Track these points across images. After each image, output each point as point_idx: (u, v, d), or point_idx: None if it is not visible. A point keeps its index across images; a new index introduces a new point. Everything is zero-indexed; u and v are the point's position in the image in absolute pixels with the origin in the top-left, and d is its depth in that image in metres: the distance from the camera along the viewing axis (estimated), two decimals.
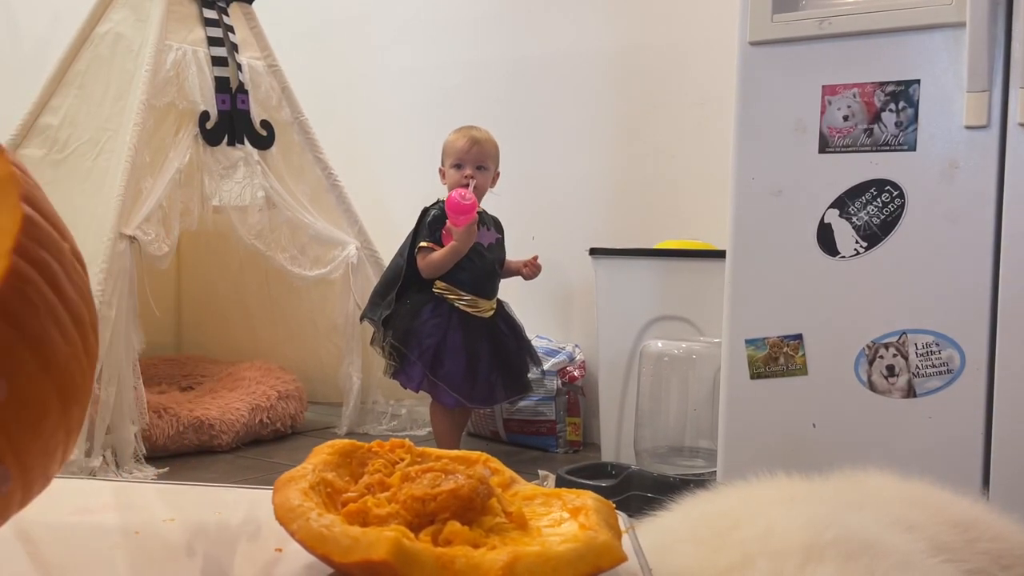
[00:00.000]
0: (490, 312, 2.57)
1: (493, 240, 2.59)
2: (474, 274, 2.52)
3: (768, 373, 1.73)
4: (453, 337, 2.49)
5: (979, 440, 1.55)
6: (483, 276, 2.54)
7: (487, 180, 2.56)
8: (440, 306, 2.51)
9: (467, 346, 2.49)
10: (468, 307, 2.52)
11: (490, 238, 2.58)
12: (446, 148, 2.58)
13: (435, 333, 2.48)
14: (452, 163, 2.54)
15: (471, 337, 2.50)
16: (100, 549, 0.59)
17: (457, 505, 0.53)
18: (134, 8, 2.69)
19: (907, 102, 1.60)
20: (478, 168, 2.53)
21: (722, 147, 1.86)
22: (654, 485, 2.02)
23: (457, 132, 2.58)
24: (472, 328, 2.51)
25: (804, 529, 0.71)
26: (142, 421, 2.49)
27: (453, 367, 2.48)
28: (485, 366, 2.51)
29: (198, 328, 3.54)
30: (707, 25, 2.79)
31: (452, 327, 2.49)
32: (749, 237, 1.75)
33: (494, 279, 2.59)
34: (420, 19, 3.40)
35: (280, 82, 2.92)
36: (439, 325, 2.49)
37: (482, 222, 2.55)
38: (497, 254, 2.59)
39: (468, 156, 2.52)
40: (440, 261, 2.48)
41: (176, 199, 2.62)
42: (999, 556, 0.84)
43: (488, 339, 2.54)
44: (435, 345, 2.47)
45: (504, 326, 2.59)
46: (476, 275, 2.52)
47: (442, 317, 2.50)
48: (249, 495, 0.73)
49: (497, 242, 2.61)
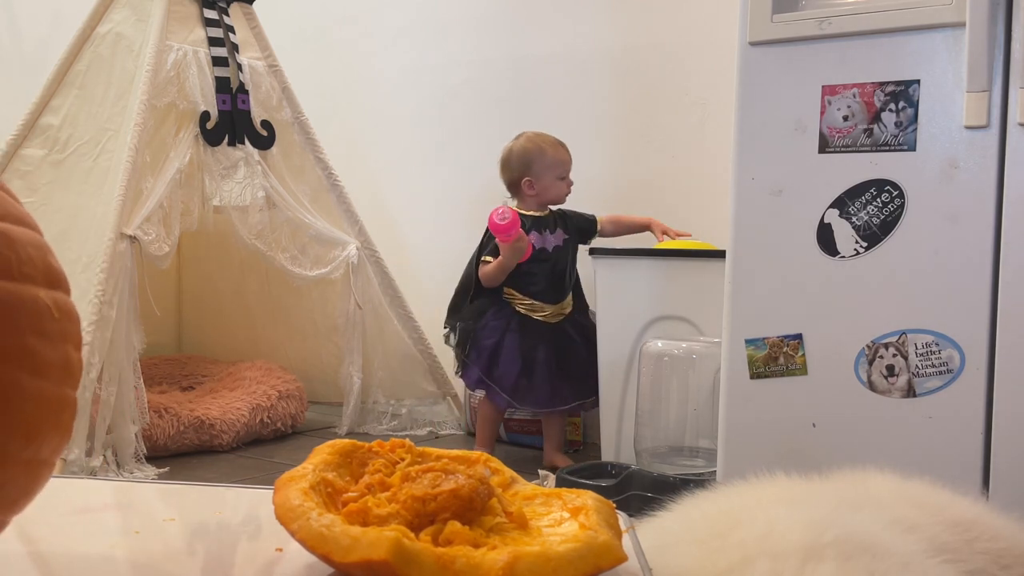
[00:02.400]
0: (557, 317, 2.64)
1: (559, 242, 2.65)
2: (535, 279, 2.61)
3: (768, 373, 1.73)
4: (511, 339, 2.59)
5: (979, 440, 1.55)
6: (545, 281, 2.62)
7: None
8: (503, 309, 2.62)
9: (524, 349, 2.58)
10: (529, 311, 2.62)
11: (555, 241, 2.65)
12: (543, 160, 2.61)
13: (493, 335, 2.60)
14: (559, 174, 2.63)
15: (529, 341, 2.59)
16: (100, 549, 0.59)
17: (457, 505, 0.53)
18: (135, 8, 2.69)
19: (907, 102, 1.60)
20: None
21: (722, 147, 1.86)
22: (654, 485, 2.02)
23: (547, 143, 2.64)
24: (531, 332, 2.60)
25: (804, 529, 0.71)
26: (143, 421, 2.49)
27: (507, 369, 2.57)
28: (543, 369, 2.58)
29: (199, 328, 3.54)
30: (707, 25, 2.79)
31: (511, 329, 2.60)
32: (749, 237, 1.75)
33: (560, 282, 2.65)
34: (421, 19, 3.40)
35: (280, 82, 2.92)
36: (498, 327, 2.60)
37: (545, 226, 2.63)
38: (564, 255, 2.65)
39: (568, 166, 2.64)
40: (492, 274, 2.58)
41: (177, 199, 2.62)
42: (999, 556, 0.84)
43: (549, 343, 2.60)
44: (492, 347, 2.59)
45: (574, 332, 2.65)
46: (537, 280, 2.61)
47: (503, 320, 2.61)
48: (249, 495, 0.73)
49: (564, 243, 2.66)
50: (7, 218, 0.49)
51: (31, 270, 0.48)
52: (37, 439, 0.47)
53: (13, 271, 0.47)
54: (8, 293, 0.46)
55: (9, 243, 0.48)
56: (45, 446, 0.48)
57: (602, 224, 2.72)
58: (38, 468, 0.49)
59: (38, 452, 0.48)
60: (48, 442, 0.48)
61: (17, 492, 0.48)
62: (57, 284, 0.50)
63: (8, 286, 0.46)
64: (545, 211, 2.67)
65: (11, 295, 0.46)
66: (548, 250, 2.62)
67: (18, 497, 0.49)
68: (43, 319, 0.48)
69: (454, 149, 3.33)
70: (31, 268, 0.48)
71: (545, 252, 2.61)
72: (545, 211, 2.67)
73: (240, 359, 3.23)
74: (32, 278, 0.48)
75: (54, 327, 0.48)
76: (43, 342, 0.48)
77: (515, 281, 2.61)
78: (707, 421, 2.24)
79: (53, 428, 0.49)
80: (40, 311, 0.48)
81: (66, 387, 0.49)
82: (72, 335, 0.50)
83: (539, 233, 2.62)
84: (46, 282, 0.49)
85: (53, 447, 0.49)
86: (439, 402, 3.08)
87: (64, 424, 0.50)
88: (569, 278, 2.68)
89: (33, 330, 0.47)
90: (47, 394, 0.48)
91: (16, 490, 0.48)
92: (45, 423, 0.48)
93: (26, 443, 0.47)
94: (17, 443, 0.46)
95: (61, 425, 0.49)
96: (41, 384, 0.47)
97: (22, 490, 0.48)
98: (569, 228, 2.69)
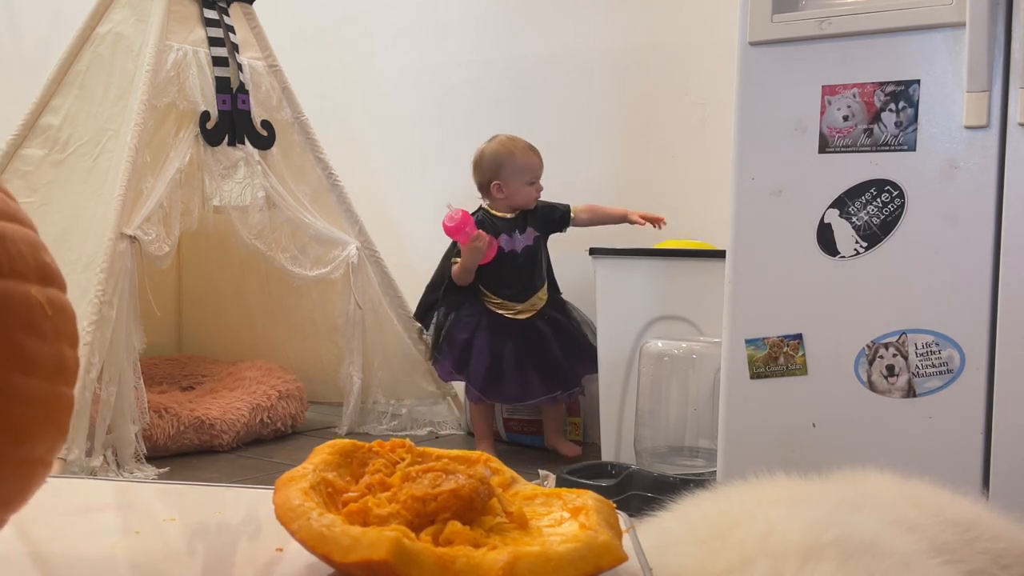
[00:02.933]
0: (528, 313, 2.69)
1: (530, 241, 2.70)
2: (503, 279, 2.68)
3: (768, 373, 1.73)
4: (480, 337, 2.67)
5: (979, 440, 1.55)
6: (513, 281, 2.68)
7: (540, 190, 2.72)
8: (475, 306, 2.70)
9: (492, 347, 2.65)
10: (500, 309, 2.69)
11: (525, 241, 2.70)
12: (513, 164, 2.66)
13: (466, 331, 2.68)
14: (528, 180, 2.67)
15: (498, 338, 2.66)
16: (100, 549, 0.59)
17: (458, 505, 0.53)
18: (135, 8, 2.69)
19: (907, 102, 1.60)
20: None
21: (722, 147, 1.86)
22: (654, 485, 2.02)
23: (519, 148, 2.68)
24: (500, 329, 2.67)
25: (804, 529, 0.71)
26: (143, 421, 2.49)
27: (477, 366, 2.66)
28: (511, 365, 2.64)
29: (199, 328, 3.54)
30: (707, 25, 2.78)
31: (481, 327, 2.67)
32: (749, 237, 1.75)
33: (528, 282, 2.70)
34: (421, 19, 3.40)
35: (280, 82, 2.92)
36: (470, 324, 2.68)
37: (514, 227, 2.69)
38: (535, 253, 2.70)
39: (539, 172, 2.69)
40: (457, 274, 2.66)
41: (177, 199, 2.62)
42: (999, 556, 0.84)
43: (517, 339, 2.67)
44: (464, 342, 2.67)
45: (546, 326, 2.69)
46: (506, 280, 2.68)
47: (474, 316, 2.68)
48: (250, 495, 0.73)
49: (535, 241, 2.70)
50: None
51: (22, 267, 0.48)
52: (30, 438, 0.47)
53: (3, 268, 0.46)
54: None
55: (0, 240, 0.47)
56: (39, 445, 0.48)
57: (576, 213, 2.75)
58: (32, 467, 0.48)
59: (32, 451, 0.47)
60: (42, 441, 0.48)
61: (11, 492, 0.48)
62: (51, 281, 0.50)
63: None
64: (514, 212, 2.71)
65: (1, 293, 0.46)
66: (518, 251, 2.68)
67: (13, 496, 0.48)
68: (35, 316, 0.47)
69: (454, 149, 3.32)
70: (22, 265, 0.48)
71: (515, 254, 2.68)
72: (514, 212, 2.71)
73: (240, 359, 3.23)
74: (23, 275, 0.48)
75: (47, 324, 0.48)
76: (35, 340, 0.47)
77: (487, 281, 2.69)
78: (707, 421, 2.24)
79: (47, 427, 0.48)
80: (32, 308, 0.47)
81: (60, 385, 0.49)
82: (67, 332, 0.50)
83: (508, 235, 2.68)
84: (39, 279, 0.49)
85: (48, 446, 0.49)
86: (439, 402, 3.08)
87: (59, 422, 0.49)
88: (540, 274, 2.72)
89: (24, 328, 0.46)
90: (39, 392, 0.47)
91: (9, 490, 0.48)
92: (38, 422, 0.47)
93: (18, 443, 0.46)
94: (9, 442, 0.46)
95: (56, 423, 0.49)
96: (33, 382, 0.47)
97: (16, 490, 0.48)
98: (537, 225, 2.73)
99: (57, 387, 0.49)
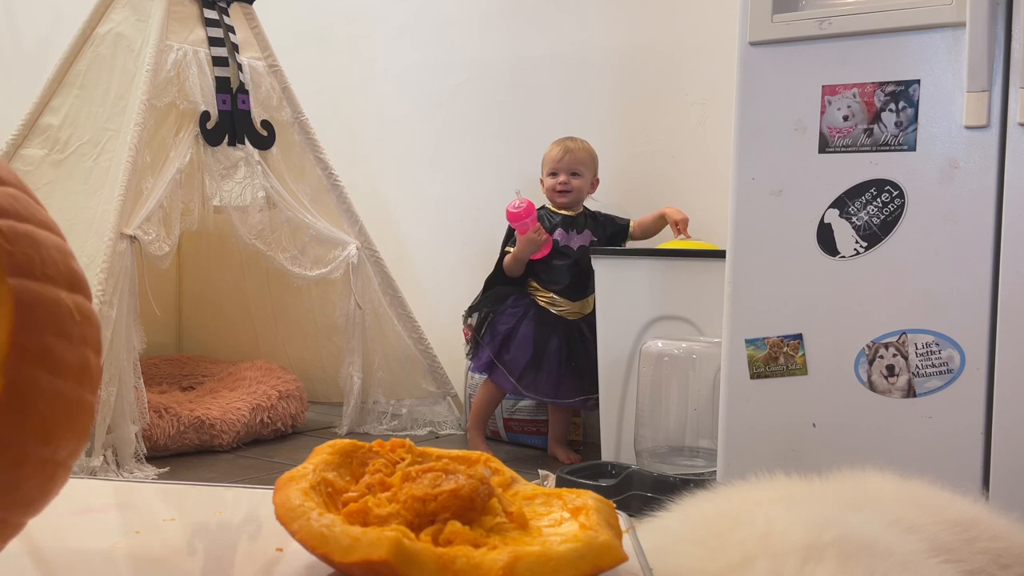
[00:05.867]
0: (575, 315, 2.70)
1: (585, 243, 2.71)
2: (554, 275, 2.70)
3: (768, 373, 1.73)
4: (526, 327, 2.67)
5: (979, 440, 1.55)
6: (567, 278, 2.69)
7: (583, 185, 2.72)
8: (522, 299, 2.71)
9: (536, 338, 2.66)
10: (549, 304, 2.70)
11: (581, 241, 2.71)
12: (544, 158, 2.77)
13: (510, 321, 2.69)
14: (548, 171, 2.74)
15: (543, 331, 2.67)
16: (100, 548, 0.59)
17: (458, 505, 0.53)
18: (135, 8, 2.69)
19: (907, 102, 1.60)
20: (572, 175, 2.70)
21: (722, 147, 1.86)
22: (654, 485, 2.02)
23: (554, 142, 2.76)
24: (546, 323, 2.68)
25: (804, 529, 0.71)
26: (143, 421, 2.49)
27: (518, 354, 2.66)
28: (554, 361, 2.66)
29: (199, 328, 3.54)
30: (707, 25, 2.79)
31: (528, 318, 2.69)
32: (749, 237, 1.75)
33: (581, 283, 2.70)
34: (421, 19, 3.40)
35: (280, 82, 2.92)
36: (515, 315, 2.69)
37: (572, 225, 2.71)
38: (588, 259, 2.68)
39: (561, 164, 2.70)
40: (509, 264, 2.69)
41: (177, 199, 2.62)
42: (998, 555, 0.84)
43: (562, 336, 2.68)
44: (506, 332, 2.67)
45: (588, 331, 2.68)
46: (556, 276, 2.70)
47: (521, 308, 2.70)
48: (250, 495, 0.73)
49: (591, 244, 2.72)
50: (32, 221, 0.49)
51: (54, 272, 0.49)
52: (54, 439, 0.47)
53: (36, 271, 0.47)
54: (31, 292, 0.47)
55: (34, 244, 0.48)
56: (62, 448, 0.48)
57: (633, 228, 2.78)
58: (55, 469, 0.49)
59: (55, 453, 0.48)
60: (65, 444, 0.48)
61: (34, 492, 0.48)
62: (79, 288, 0.51)
63: (31, 285, 0.47)
64: (575, 211, 2.74)
65: (34, 295, 0.47)
66: (572, 248, 2.70)
67: (35, 497, 0.49)
68: (64, 320, 0.48)
69: (454, 149, 3.33)
70: (54, 270, 0.49)
71: (569, 249, 2.69)
72: (575, 211, 2.74)
73: (240, 359, 3.23)
74: (54, 280, 0.49)
75: (74, 329, 0.49)
76: (63, 343, 0.48)
77: (538, 275, 2.70)
78: (707, 421, 2.24)
79: (70, 429, 0.49)
80: (61, 312, 0.48)
81: (84, 390, 0.49)
82: (91, 339, 0.50)
83: (565, 231, 2.71)
84: (68, 285, 0.50)
85: (70, 449, 0.49)
86: (439, 402, 3.08)
87: (81, 427, 0.50)
88: (592, 280, 2.69)
89: (53, 330, 0.47)
90: (65, 394, 0.48)
91: (33, 489, 0.48)
92: (62, 423, 0.48)
93: (43, 442, 0.47)
94: (34, 441, 0.46)
95: (78, 427, 0.49)
96: (60, 384, 0.47)
97: (39, 490, 0.48)
98: (598, 231, 2.74)
99: (81, 392, 0.49)
